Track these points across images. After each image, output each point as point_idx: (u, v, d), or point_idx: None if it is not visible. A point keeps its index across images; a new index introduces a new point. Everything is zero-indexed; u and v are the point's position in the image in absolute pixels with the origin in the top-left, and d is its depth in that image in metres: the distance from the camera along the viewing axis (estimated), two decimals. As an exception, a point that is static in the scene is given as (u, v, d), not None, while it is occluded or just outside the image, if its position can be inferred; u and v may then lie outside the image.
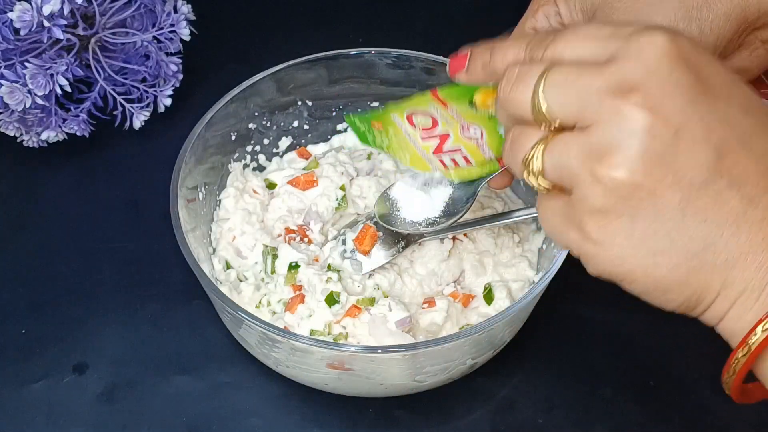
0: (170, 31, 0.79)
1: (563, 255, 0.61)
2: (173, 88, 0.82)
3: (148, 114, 0.82)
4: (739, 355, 0.44)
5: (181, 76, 0.83)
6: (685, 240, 0.42)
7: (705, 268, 0.43)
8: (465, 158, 0.57)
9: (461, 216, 0.64)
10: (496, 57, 0.50)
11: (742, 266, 0.43)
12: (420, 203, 0.65)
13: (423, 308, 0.66)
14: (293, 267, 0.67)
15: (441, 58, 0.73)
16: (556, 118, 0.44)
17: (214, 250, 0.71)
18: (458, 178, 0.59)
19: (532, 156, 0.45)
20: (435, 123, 0.57)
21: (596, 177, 0.42)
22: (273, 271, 0.68)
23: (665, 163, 0.42)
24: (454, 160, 0.58)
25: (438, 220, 0.65)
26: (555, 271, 0.62)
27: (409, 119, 0.58)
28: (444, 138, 0.57)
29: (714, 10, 0.54)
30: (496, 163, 0.57)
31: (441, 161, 0.58)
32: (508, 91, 0.46)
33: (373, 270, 0.67)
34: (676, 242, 0.43)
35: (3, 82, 0.72)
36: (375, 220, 0.68)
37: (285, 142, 0.78)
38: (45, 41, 0.74)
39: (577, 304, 0.71)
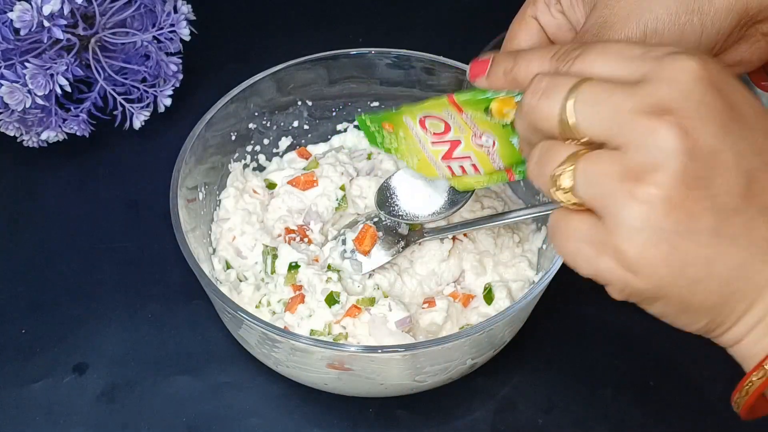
0: (170, 31, 0.79)
1: (563, 255, 0.61)
2: (173, 88, 0.82)
3: (148, 114, 0.82)
4: (754, 379, 0.44)
5: (181, 76, 0.83)
6: (721, 267, 0.42)
7: (736, 295, 0.43)
8: (474, 166, 0.57)
9: (462, 205, 0.64)
10: (520, 65, 0.49)
11: (767, 293, 0.42)
12: (421, 192, 0.65)
13: (423, 308, 0.66)
14: (293, 267, 0.67)
15: (441, 58, 0.73)
16: (585, 135, 0.43)
17: (214, 250, 0.71)
18: (463, 187, 0.59)
19: (562, 172, 0.43)
20: (447, 128, 0.57)
21: (635, 196, 0.41)
22: (273, 271, 0.68)
23: (702, 185, 0.41)
24: (462, 167, 0.57)
25: (439, 209, 0.65)
26: (555, 271, 0.62)
27: (422, 123, 0.57)
28: (455, 144, 0.57)
29: (716, 4, 0.53)
30: (505, 173, 0.57)
31: (449, 167, 0.58)
32: (535, 102, 0.45)
33: (373, 270, 0.67)
34: (713, 269, 0.42)
35: (3, 82, 0.72)
36: (375, 219, 0.68)
37: (285, 142, 0.78)
38: (45, 41, 0.74)
39: (577, 304, 0.71)
